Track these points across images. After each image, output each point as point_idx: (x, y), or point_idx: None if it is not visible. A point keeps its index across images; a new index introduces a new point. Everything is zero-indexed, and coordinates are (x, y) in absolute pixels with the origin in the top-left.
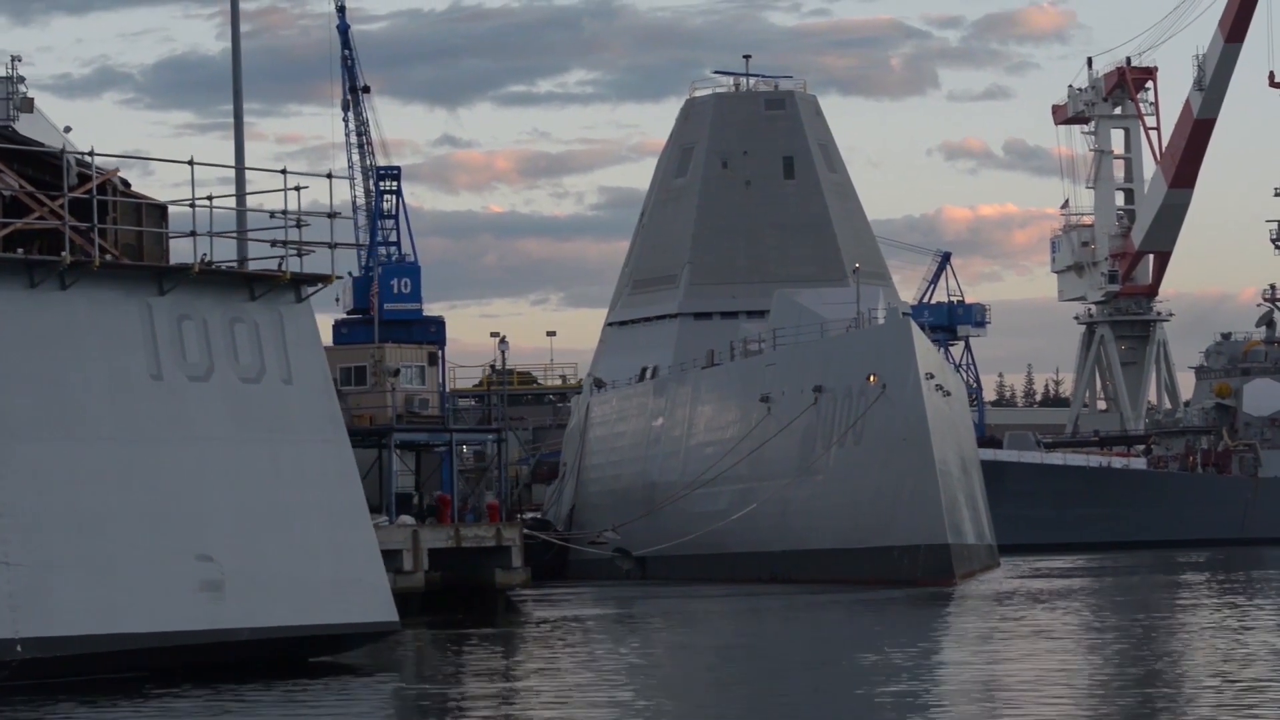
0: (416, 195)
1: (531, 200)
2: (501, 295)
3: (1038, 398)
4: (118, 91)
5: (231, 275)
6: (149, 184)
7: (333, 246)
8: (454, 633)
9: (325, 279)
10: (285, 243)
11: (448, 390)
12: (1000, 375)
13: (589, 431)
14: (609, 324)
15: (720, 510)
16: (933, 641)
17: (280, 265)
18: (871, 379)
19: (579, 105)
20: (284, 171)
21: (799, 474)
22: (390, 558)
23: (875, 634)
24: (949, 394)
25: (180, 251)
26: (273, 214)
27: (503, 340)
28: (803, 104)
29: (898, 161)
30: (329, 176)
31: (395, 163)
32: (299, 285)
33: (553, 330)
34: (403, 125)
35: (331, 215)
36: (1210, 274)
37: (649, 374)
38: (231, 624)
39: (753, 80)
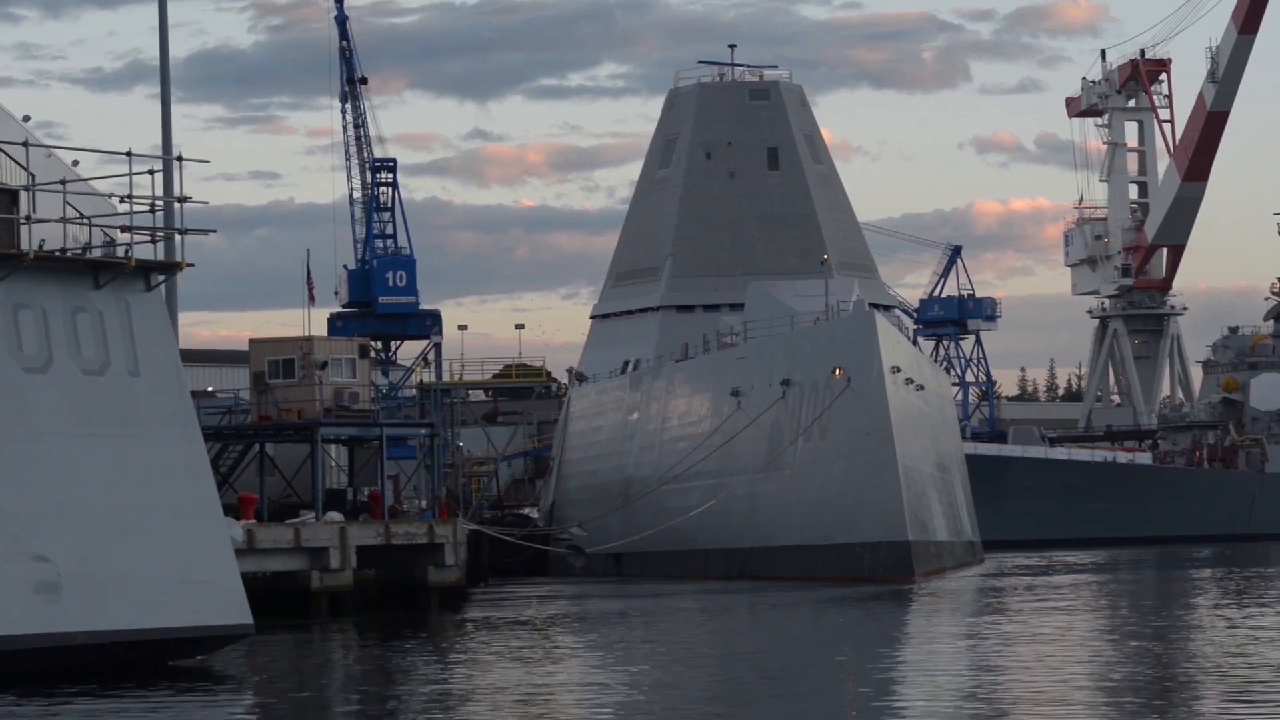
0: (448, 189)
1: (563, 194)
2: (532, 289)
3: (1060, 392)
4: (149, 85)
5: (73, 262)
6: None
7: (183, 232)
8: (347, 635)
9: (174, 266)
10: (130, 229)
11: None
12: (1022, 370)
13: (569, 426)
14: (593, 317)
15: (691, 506)
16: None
17: (126, 252)
18: (836, 372)
19: (610, 99)
20: (129, 154)
21: (766, 469)
22: (317, 555)
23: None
24: (922, 388)
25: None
26: (121, 199)
27: (438, 330)
28: (788, 94)
29: (929, 155)
30: (179, 159)
31: (428, 157)
32: (148, 273)
33: (521, 324)
34: (434, 118)
35: (181, 200)
36: (1237, 268)
37: (630, 367)
38: (68, 627)
39: (738, 70)
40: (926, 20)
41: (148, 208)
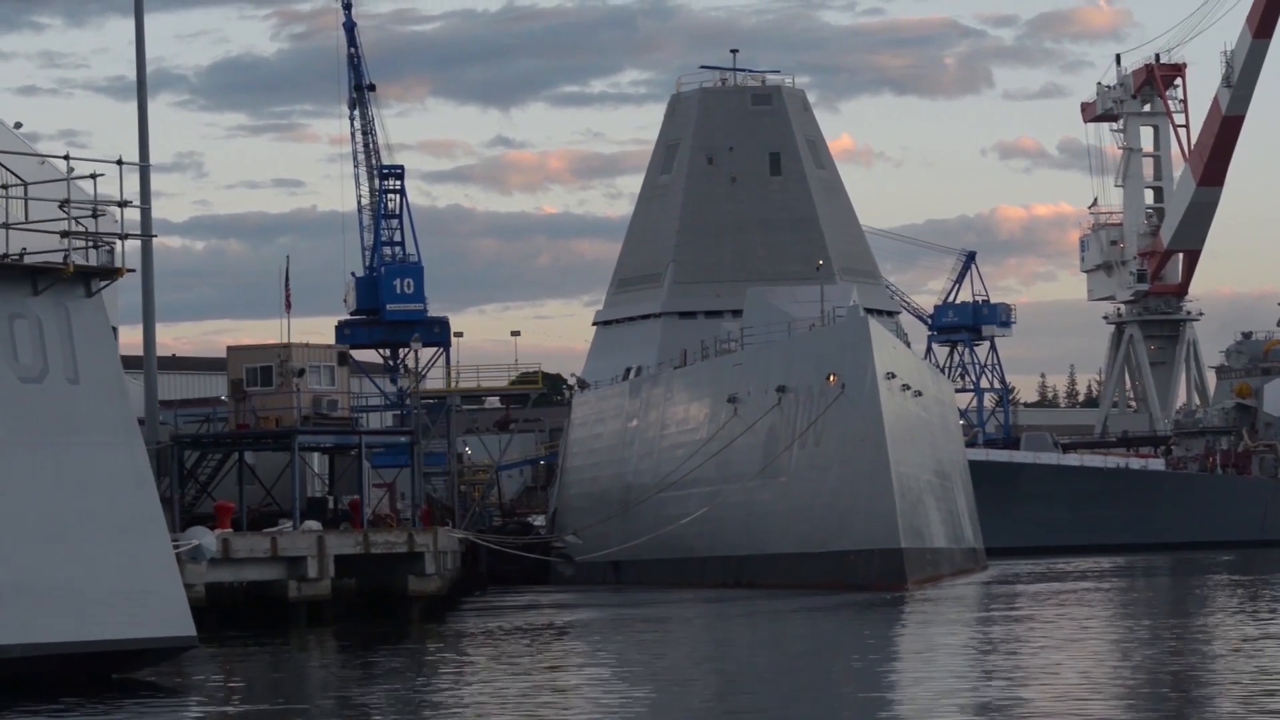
0: (470, 196)
1: (585, 201)
2: (555, 296)
3: (1080, 398)
4: (172, 93)
5: (9, 268)
6: (203, 185)
7: (123, 238)
8: (322, 644)
9: (115, 272)
10: (69, 234)
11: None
12: (1042, 375)
13: (570, 433)
14: (596, 323)
15: (687, 513)
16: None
17: (65, 258)
18: (831, 379)
19: (632, 105)
20: (67, 157)
21: (761, 476)
22: (294, 565)
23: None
24: (920, 394)
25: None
26: (61, 204)
27: (415, 338)
28: (790, 99)
29: (952, 161)
30: (119, 163)
31: (450, 164)
32: (88, 279)
33: (517, 330)
34: (456, 125)
35: (122, 204)
36: (1261, 273)
37: (632, 374)
38: (3, 640)
39: (740, 75)
40: (948, 26)
41: (89, 213)
